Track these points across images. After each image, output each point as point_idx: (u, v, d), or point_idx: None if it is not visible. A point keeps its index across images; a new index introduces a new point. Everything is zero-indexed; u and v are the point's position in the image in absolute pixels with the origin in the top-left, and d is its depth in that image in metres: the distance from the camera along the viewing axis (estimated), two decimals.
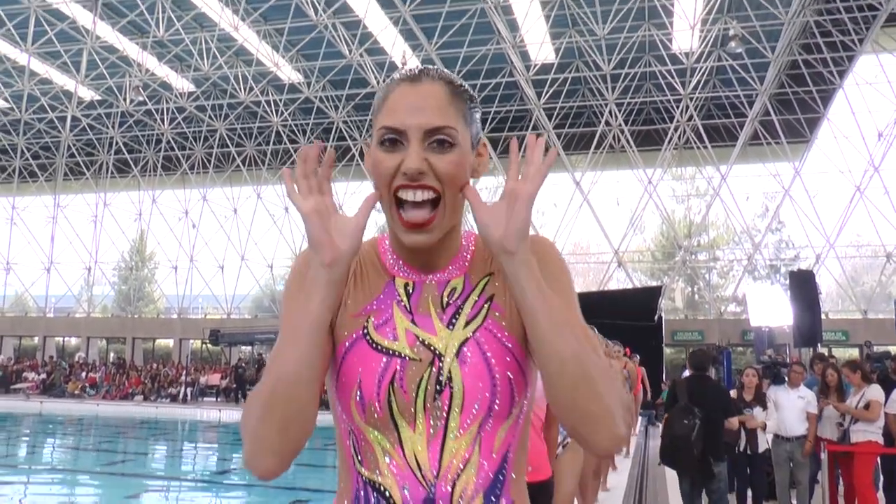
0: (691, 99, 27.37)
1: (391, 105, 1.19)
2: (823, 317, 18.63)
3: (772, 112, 28.04)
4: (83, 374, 27.71)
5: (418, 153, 1.15)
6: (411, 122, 1.16)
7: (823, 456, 7.36)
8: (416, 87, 1.20)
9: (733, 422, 6.86)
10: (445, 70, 1.28)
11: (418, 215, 1.17)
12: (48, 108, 30.84)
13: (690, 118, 28.10)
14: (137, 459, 14.86)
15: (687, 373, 8.60)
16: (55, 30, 25.21)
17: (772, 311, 19.84)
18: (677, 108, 27.84)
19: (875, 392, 7.35)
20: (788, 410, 7.46)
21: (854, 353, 23.51)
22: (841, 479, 7.89)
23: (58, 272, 36.19)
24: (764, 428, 7.28)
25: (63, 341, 36.19)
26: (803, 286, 15.77)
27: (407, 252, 1.25)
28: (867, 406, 7.29)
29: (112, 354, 34.57)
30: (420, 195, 1.17)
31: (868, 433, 7.31)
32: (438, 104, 1.19)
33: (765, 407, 7.37)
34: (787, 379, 7.82)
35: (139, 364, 30.46)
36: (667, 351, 22.55)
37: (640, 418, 14.61)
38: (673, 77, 26.11)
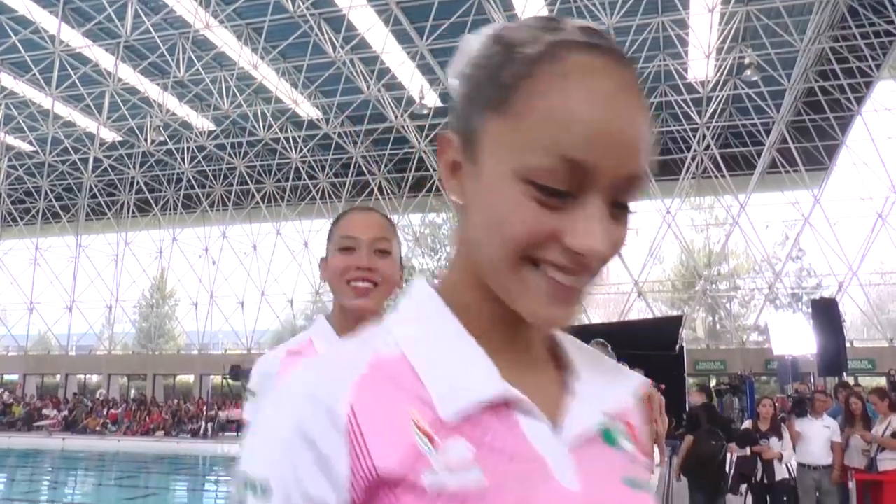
0: (708, 128, 27.39)
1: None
2: (848, 345, 18.37)
3: (789, 140, 27.97)
4: (104, 410, 27.80)
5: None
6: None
7: (851, 485, 7.25)
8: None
9: (757, 449, 7.04)
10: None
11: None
12: (71, 150, 31.36)
13: (707, 147, 28.09)
14: (160, 494, 14.84)
15: (696, 399, 8.71)
16: (78, 73, 25.72)
17: (795, 339, 19.59)
18: (694, 137, 27.86)
19: None
20: (814, 440, 7.39)
21: (881, 381, 23.13)
22: None
23: (80, 311, 36.51)
24: (780, 459, 7.22)
25: (84, 379, 36.37)
26: (826, 314, 15.60)
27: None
28: (894, 434, 7.18)
29: (133, 391, 34.69)
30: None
31: None
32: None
33: (780, 437, 7.32)
34: (810, 409, 7.73)
35: (160, 400, 30.52)
36: (689, 381, 22.27)
37: (666, 448, 14.39)
38: (689, 106, 26.17)
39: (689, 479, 7.05)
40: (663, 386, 10.97)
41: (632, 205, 0.73)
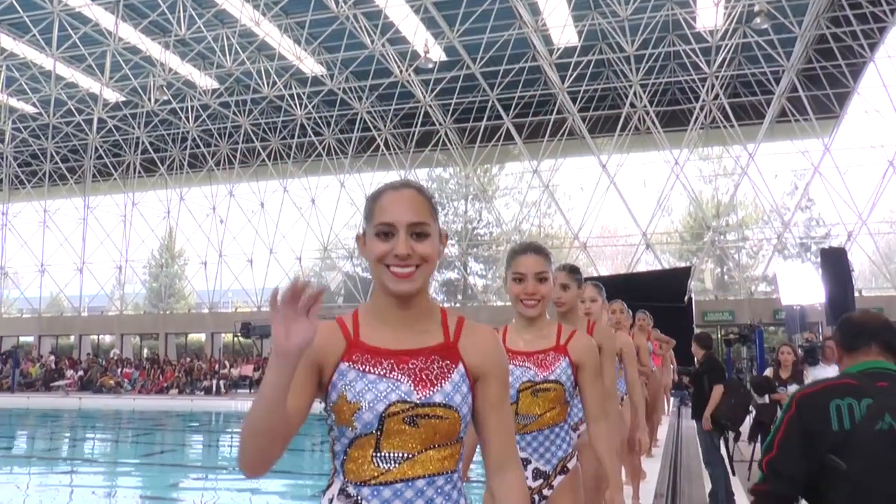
0: (717, 77, 27.05)
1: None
2: (857, 294, 18.38)
3: (799, 88, 27.62)
4: (119, 370, 28.16)
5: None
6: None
7: None
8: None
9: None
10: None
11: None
12: (75, 112, 31.24)
13: (716, 97, 27.78)
14: (177, 450, 15.10)
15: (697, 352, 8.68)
16: (78, 33, 25.49)
17: (803, 289, 19.59)
18: (703, 87, 27.53)
19: None
20: None
21: None
22: None
23: (90, 272, 36.74)
24: None
25: (98, 339, 36.77)
26: (835, 263, 15.55)
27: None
28: None
29: (146, 350, 35.07)
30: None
31: None
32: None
33: (802, 384, 7.32)
34: (821, 356, 7.75)
35: (172, 359, 30.86)
36: (697, 332, 22.40)
37: (672, 398, 14.46)
38: (698, 56, 25.81)
39: (715, 427, 7.03)
40: (674, 341, 11.05)
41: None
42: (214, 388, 25.61)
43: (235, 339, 31.30)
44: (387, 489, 1.55)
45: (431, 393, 1.56)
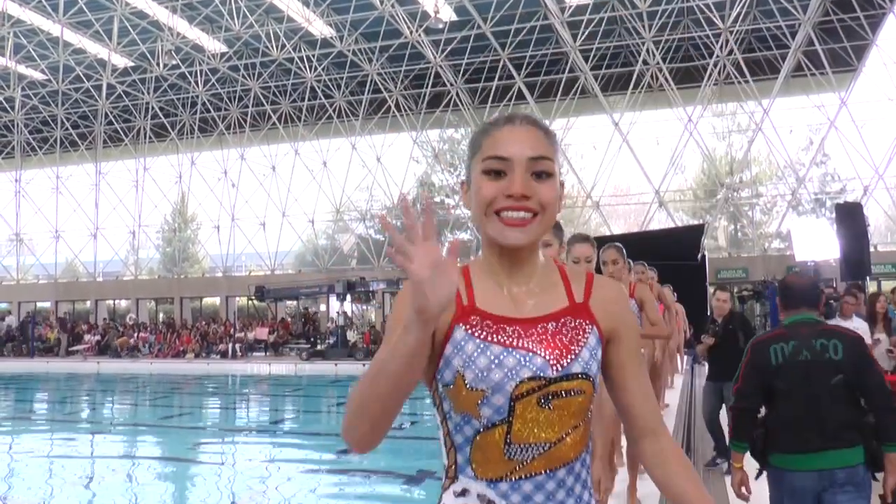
0: (731, 32, 26.61)
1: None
2: (872, 249, 18.24)
3: (816, 42, 27.14)
4: (135, 334, 28.47)
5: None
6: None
7: None
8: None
9: None
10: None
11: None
12: (83, 78, 31.16)
13: (731, 52, 27.36)
14: (195, 413, 15.32)
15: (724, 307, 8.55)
16: None
17: (817, 245, 19.48)
18: (717, 42, 27.11)
19: None
20: None
21: None
22: None
23: (104, 237, 36.96)
24: None
25: (114, 304, 37.12)
26: (851, 218, 15.41)
27: None
28: None
29: (161, 315, 35.40)
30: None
31: None
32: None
33: None
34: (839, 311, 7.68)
35: (188, 322, 31.14)
36: (711, 290, 22.37)
37: (685, 357, 14.47)
38: (711, 11, 25.36)
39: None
40: (681, 307, 11.01)
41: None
42: (231, 352, 25.87)
43: (250, 302, 31.51)
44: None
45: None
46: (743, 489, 3.37)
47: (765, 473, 3.39)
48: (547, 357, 1.31)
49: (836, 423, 3.16)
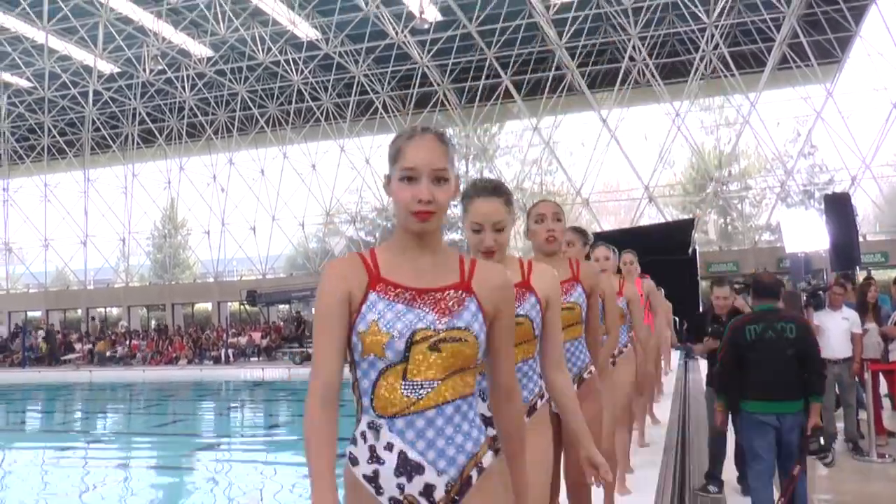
0: (716, 27, 26.70)
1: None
2: (861, 239, 18.31)
3: (800, 34, 27.26)
4: (127, 342, 28.32)
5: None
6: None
7: (866, 376, 7.28)
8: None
9: None
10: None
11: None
12: (70, 85, 31.01)
13: (716, 47, 27.45)
14: (188, 420, 15.26)
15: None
16: (69, 5, 25.20)
17: (807, 236, 19.52)
18: (702, 37, 27.19)
19: None
20: (833, 333, 7.22)
21: (893, 273, 23.14)
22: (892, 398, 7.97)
23: (94, 245, 36.81)
24: None
25: (105, 312, 36.97)
26: (839, 208, 15.46)
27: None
28: None
29: (153, 321, 35.26)
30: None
31: None
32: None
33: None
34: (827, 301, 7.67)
35: (180, 329, 31.02)
36: (702, 284, 22.35)
37: (676, 352, 14.30)
38: (696, 6, 25.44)
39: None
40: (669, 305, 10.99)
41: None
42: (223, 357, 25.78)
43: (242, 307, 31.44)
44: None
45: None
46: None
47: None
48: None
49: (789, 382, 4.38)
